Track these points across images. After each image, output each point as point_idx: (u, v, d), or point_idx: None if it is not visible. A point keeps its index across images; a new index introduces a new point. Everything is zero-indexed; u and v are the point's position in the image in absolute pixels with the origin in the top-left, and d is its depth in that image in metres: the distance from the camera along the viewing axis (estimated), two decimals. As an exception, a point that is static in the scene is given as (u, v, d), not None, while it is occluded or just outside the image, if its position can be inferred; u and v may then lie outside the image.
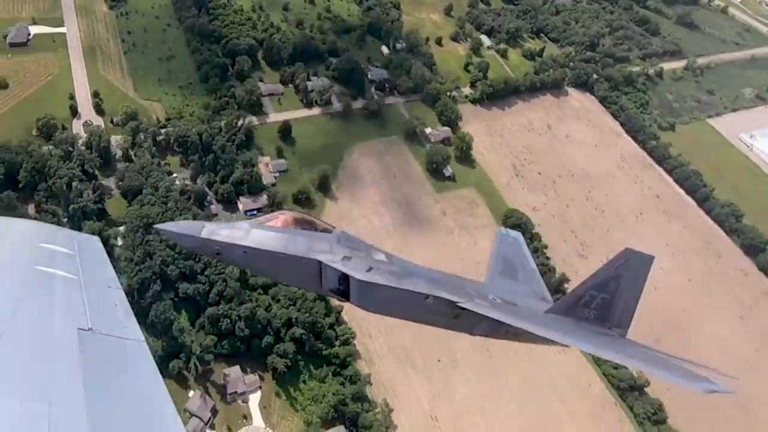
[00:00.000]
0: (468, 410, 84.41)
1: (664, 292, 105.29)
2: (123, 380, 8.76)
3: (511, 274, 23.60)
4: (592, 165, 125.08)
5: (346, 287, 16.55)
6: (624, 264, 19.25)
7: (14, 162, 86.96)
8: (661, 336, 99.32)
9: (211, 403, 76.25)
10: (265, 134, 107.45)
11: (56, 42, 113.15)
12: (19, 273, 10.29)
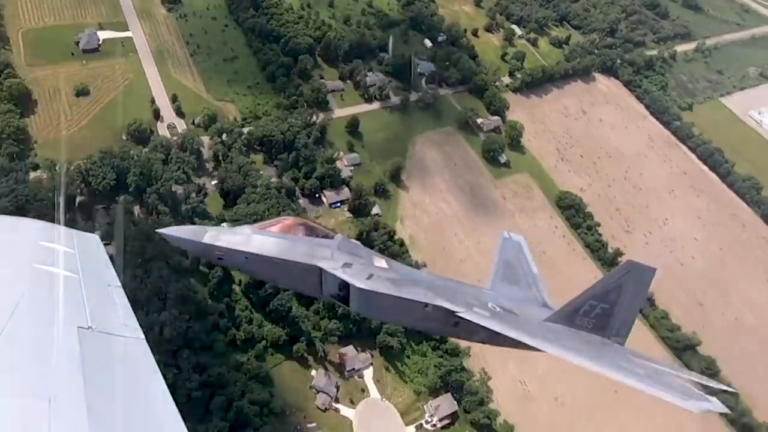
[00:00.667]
0: (550, 371, 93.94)
1: (700, 261, 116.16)
2: (123, 378, 8.70)
3: (512, 279, 23.76)
4: (624, 146, 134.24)
5: (346, 294, 16.79)
6: (625, 275, 19.41)
7: (122, 167, 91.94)
8: (703, 299, 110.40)
9: (334, 380, 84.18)
10: (334, 130, 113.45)
11: (125, 47, 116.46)
12: (18, 271, 10.20)
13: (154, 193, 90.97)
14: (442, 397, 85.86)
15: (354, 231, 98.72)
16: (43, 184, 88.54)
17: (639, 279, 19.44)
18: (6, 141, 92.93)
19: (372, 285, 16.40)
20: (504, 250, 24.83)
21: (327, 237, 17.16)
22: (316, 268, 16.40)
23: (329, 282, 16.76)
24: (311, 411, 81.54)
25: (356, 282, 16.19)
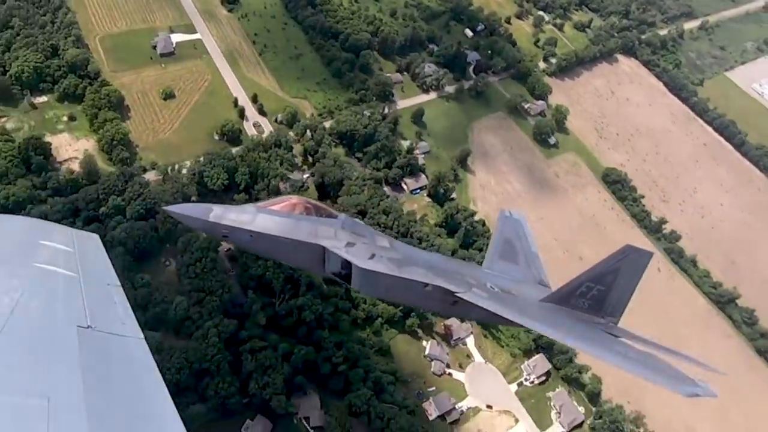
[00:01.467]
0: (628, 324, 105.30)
1: (728, 224, 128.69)
2: (122, 377, 8.68)
3: (511, 257, 23.81)
4: (651, 122, 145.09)
5: (348, 272, 16.91)
6: (623, 259, 19.56)
7: (229, 166, 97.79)
8: (735, 258, 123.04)
9: (445, 349, 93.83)
10: (401, 120, 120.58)
11: (198, 49, 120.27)
12: (18, 270, 10.07)
13: (263, 190, 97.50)
14: (536, 357, 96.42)
15: (436, 214, 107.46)
16: (163, 187, 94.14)
17: (636, 263, 19.73)
18: (117, 147, 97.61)
19: (374, 265, 16.58)
20: (503, 228, 25.14)
21: (331, 216, 17.29)
22: (320, 246, 16.55)
23: (332, 261, 16.92)
24: (429, 377, 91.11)
25: (358, 262, 16.37)
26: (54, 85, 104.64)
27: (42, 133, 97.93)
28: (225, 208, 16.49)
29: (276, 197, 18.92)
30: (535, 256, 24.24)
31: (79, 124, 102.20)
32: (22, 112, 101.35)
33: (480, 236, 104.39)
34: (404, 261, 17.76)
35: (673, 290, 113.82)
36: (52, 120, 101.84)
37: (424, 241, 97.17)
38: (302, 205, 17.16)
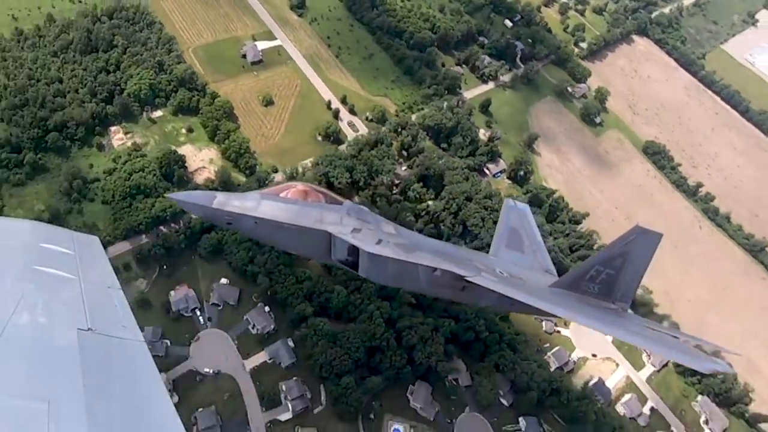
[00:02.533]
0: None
1: (747, 183, 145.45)
2: (122, 380, 8.62)
3: (517, 245, 23.53)
4: (670, 96, 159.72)
5: (355, 259, 16.81)
6: (632, 241, 19.31)
7: (349, 166, 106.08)
8: (758, 211, 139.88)
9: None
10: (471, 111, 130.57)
11: (281, 55, 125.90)
12: (19, 273, 10.01)
13: (380, 185, 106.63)
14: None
15: (519, 195, 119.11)
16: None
17: (646, 244, 19.41)
18: (243, 155, 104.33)
19: (381, 250, 16.25)
20: (508, 217, 24.89)
21: (336, 203, 17.01)
22: (325, 233, 16.24)
23: (338, 247, 16.57)
24: (542, 335, 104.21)
25: (366, 246, 15.96)
26: (167, 99, 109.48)
27: (169, 146, 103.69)
28: (229, 195, 16.38)
29: (279, 184, 17.95)
30: (540, 244, 23.94)
31: (197, 135, 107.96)
32: (144, 128, 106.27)
33: (561, 211, 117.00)
34: (411, 246, 17.43)
35: (714, 244, 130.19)
36: (173, 133, 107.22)
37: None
38: (307, 191, 16.82)
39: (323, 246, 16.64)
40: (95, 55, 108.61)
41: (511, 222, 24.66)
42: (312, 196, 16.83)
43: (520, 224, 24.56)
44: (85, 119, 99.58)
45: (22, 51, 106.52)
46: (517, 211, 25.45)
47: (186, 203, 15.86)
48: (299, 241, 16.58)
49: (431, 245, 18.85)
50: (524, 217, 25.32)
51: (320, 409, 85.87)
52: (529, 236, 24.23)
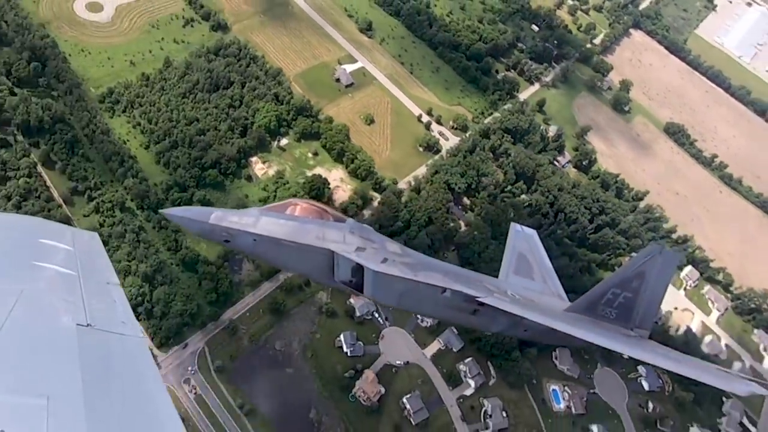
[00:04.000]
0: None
1: (743, 149, 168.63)
2: (121, 375, 8.48)
3: (526, 272, 22.73)
4: (670, 81, 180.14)
5: (359, 279, 15.85)
6: (649, 260, 18.39)
7: (461, 172, 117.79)
8: (759, 173, 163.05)
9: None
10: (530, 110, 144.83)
11: (366, 76, 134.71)
12: (18, 269, 9.91)
13: (489, 186, 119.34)
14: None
15: (587, 182, 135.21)
16: (425, 198, 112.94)
17: (663, 264, 18.62)
18: (372, 173, 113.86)
19: (387, 269, 15.60)
20: (516, 242, 23.93)
21: (339, 220, 16.39)
22: (328, 251, 15.50)
23: (342, 266, 15.76)
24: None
25: (371, 265, 15.26)
26: (289, 127, 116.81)
27: (303, 170, 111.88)
28: (226, 211, 15.73)
29: (278, 201, 17.37)
30: (549, 270, 22.95)
31: (322, 157, 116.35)
32: (276, 156, 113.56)
33: (626, 188, 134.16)
34: (419, 266, 16.74)
35: (733, 205, 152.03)
36: (302, 158, 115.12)
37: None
38: (308, 208, 16.16)
39: (325, 265, 15.88)
40: (220, 93, 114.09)
41: (519, 247, 23.74)
42: (314, 214, 16.07)
43: (528, 249, 23.67)
44: (233, 154, 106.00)
45: (153, 95, 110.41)
46: (524, 236, 24.49)
47: (182, 218, 15.20)
48: (300, 259, 15.83)
49: (439, 266, 18.09)
50: (531, 241, 24.34)
51: (493, 381, 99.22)
52: (537, 261, 23.35)
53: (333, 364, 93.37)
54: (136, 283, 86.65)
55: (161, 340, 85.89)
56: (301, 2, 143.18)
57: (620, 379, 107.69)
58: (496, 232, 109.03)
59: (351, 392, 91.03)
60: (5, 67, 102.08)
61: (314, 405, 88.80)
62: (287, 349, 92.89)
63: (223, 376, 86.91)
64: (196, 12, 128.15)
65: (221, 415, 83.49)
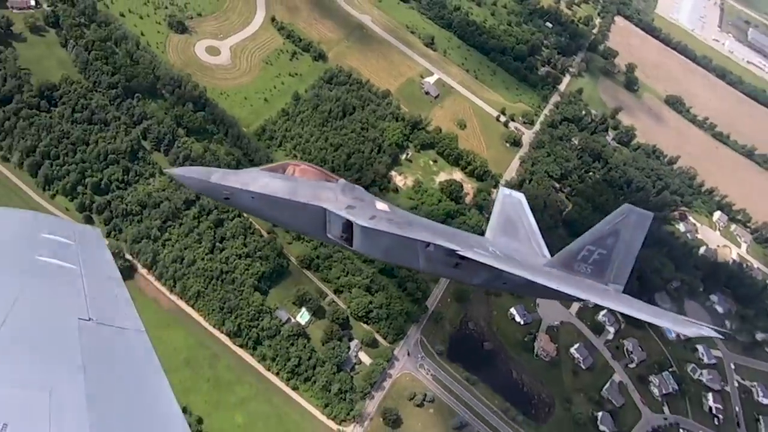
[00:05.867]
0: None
1: (718, 109, 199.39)
2: (123, 370, 8.33)
3: (512, 232, 23.11)
4: (655, 58, 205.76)
5: (349, 235, 16.52)
6: (622, 220, 19.01)
7: (551, 161, 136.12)
8: (738, 128, 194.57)
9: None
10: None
11: (445, 86, 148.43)
12: (19, 263, 9.72)
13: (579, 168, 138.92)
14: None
15: (633, 154, 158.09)
16: (537, 187, 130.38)
17: (636, 223, 19.47)
18: (487, 172, 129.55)
19: (375, 224, 16.25)
20: (503, 206, 24.54)
21: (331, 181, 16.88)
22: (321, 209, 16.16)
23: (333, 223, 16.46)
24: (688, 241, 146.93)
25: (360, 221, 15.95)
26: (408, 140, 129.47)
27: (431, 177, 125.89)
28: (226, 171, 16.28)
29: (275, 162, 17.81)
30: (535, 232, 23.40)
31: (441, 163, 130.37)
32: (407, 167, 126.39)
33: (659, 158, 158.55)
34: (405, 222, 17.41)
35: (729, 157, 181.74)
36: (426, 166, 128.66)
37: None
38: (303, 169, 16.73)
39: (318, 222, 16.60)
40: (349, 118, 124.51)
41: (506, 210, 24.37)
42: (308, 174, 16.71)
43: (515, 212, 24.24)
44: (384, 172, 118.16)
45: (297, 127, 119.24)
46: (511, 200, 25.06)
47: (185, 178, 15.67)
48: (295, 216, 16.56)
49: (425, 223, 18.84)
50: (519, 206, 24.80)
51: (624, 325, 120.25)
52: (524, 224, 23.83)
53: (513, 333, 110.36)
54: (362, 294, 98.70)
55: (393, 337, 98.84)
56: (372, 25, 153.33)
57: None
58: (594, 206, 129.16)
59: (534, 352, 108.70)
60: (176, 120, 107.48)
61: (513, 367, 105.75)
62: (478, 327, 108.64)
63: (443, 357, 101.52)
64: (295, 45, 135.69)
65: (455, 388, 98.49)
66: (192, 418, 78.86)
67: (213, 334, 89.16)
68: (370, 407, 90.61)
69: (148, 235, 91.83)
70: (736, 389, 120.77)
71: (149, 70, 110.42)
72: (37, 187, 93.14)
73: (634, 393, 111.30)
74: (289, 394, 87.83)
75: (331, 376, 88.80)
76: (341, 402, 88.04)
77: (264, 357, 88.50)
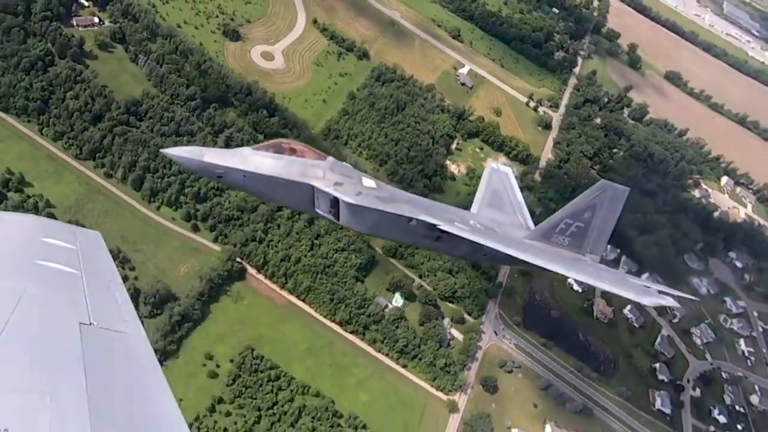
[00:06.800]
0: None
1: (708, 81, 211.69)
2: (124, 374, 8.21)
3: (498, 205, 23.48)
4: (649, 36, 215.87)
5: (337, 210, 16.96)
6: (600, 195, 19.45)
7: (583, 141, 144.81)
8: (727, 98, 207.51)
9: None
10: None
11: (477, 76, 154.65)
12: (20, 267, 9.58)
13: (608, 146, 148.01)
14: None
15: (647, 129, 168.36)
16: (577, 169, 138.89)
17: (613, 198, 19.80)
18: (529, 155, 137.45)
19: (360, 200, 16.71)
20: (491, 179, 24.82)
21: (320, 158, 17.22)
22: (310, 186, 16.55)
23: (321, 199, 16.92)
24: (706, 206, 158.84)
25: (346, 197, 16.40)
26: (455, 130, 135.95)
27: (480, 163, 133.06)
28: (219, 150, 16.66)
29: (267, 141, 18.06)
30: (521, 204, 23.77)
31: (486, 150, 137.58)
32: (458, 156, 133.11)
33: (670, 131, 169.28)
34: (389, 198, 17.80)
35: (723, 126, 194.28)
36: (474, 153, 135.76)
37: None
38: (293, 147, 17.15)
39: (307, 198, 17.07)
40: (402, 113, 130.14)
41: (493, 184, 24.56)
42: (298, 152, 17.08)
43: (502, 186, 24.41)
44: (443, 162, 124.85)
45: (358, 125, 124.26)
46: (499, 174, 25.38)
47: (179, 157, 15.97)
48: (285, 193, 16.98)
49: (410, 198, 19.17)
50: (506, 179, 25.03)
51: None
52: (510, 197, 24.05)
53: (573, 300, 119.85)
54: (446, 276, 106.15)
55: (477, 313, 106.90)
56: (402, 20, 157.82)
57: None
58: (626, 181, 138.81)
59: (594, 315, 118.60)
60: (253, 126, 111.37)
61: (578, 330, 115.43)
62: (543, 297, 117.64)
63: (521, 327, 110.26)
64: (339, 45, 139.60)
65: (536, 353, 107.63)
66: (325, 400, 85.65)
67: (325, 324, 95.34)
68: (470, 377, 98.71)
69: (254, 238, 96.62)
70: (761, 334, 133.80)
71: (220, 79, 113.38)
72: (142, 200, 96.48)
73: (681, 344, 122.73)
74: (401, 372, 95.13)
75: (435, 352, 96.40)
76: (446, 375, 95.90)
77: (374, 340, 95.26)
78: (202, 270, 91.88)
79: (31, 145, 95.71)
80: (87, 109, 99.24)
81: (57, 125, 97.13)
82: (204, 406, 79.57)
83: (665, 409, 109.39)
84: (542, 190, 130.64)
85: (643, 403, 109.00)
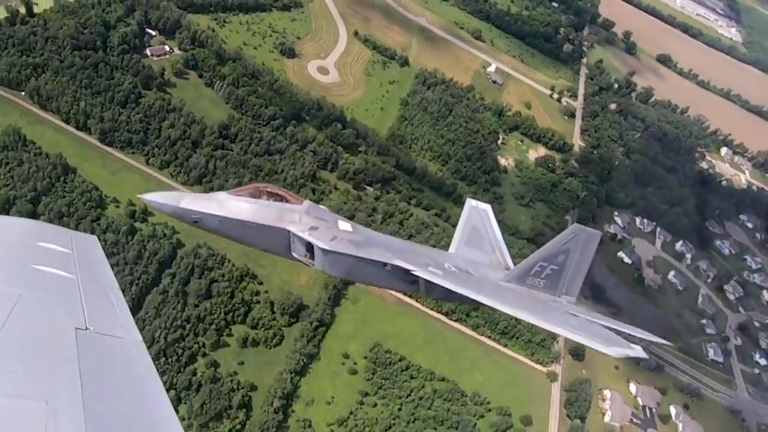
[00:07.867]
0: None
1: (702, 65, 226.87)
2: (120, 379, 8.11)
3: (477, 243, 23.12)
4: (639, 23, 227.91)
5: (312, 254, 16.97)
6: (572, 239, 19.60)
7: (607, 127, 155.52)
8: (718, 76, 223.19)
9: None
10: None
11: (503, 73, 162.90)
12: (16, 272, 9.44)
13: (631, 130, 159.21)
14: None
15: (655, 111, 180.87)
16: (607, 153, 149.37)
17: (585, 242, 19.84)
18: (565, 145, 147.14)
19: (335, 246, 16.65)
20: (470, 216, 24.41)
21: (295, 203, 17.16)
22: (286, 230, 16.54)
23: (297, 244, 16.82)
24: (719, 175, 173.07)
25: (320, 243, 16.38)
26: (498, 127, 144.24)
27: (524, 155, 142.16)
28: (195, 195, 16.60)
29: (243, 186, 17.98)
30: (500, 242, 23.50)
31: (527, 143, 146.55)
32: (503, 150, 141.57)
33: (674, 110, 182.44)
34: (364, 242, 17.69)
35: (712, 101, 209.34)
36: (518, 147, 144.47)
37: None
38: (269, 192, 17.12)
39: (284, 243, 16.97)
40: (453, 114, 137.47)
41: (472, 221, 24.11)
42: (273, 196, 17.03)
43: (481, 223, 23.99)
44: (496, 157, 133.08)
45: (416, 129, 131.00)
46: (478, 211, 24.70)
47: (156, 203, 15.80)
48: (261, 238, 16.86)
49: (386, 242, 18.96)
50: (485, 216, 24.51)
51: (695, 251, 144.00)
52: (489, 234, 23.59)
53: (625, 271, 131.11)
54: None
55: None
56: (429, 25, 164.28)
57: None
58: (650, 160, 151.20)
59: (645, 283, 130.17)
60: (331, 139, 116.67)
61: (635, 298, 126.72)
62: (601, 270, 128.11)
63: (589, 299, 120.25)
64: (382, 54, 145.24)
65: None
66: (450, 383, 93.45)
67: (433, 315, 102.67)
68: (560, 349, 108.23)
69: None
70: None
71: (292, 97, 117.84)
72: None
73: (718, 300, 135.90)
74: (503, 351, 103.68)
75: (530, 330, 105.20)
76: (542, 349, 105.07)
77: (476, 326, 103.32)
78: (318, 279, 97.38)
79: (141, 176, 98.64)
80: (186, 136, 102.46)
81: (160, 154, 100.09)
82: (354, 401, 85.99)
83: (717, 358, 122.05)
84: (581, 174, 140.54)
85: (700, 355, 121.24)
